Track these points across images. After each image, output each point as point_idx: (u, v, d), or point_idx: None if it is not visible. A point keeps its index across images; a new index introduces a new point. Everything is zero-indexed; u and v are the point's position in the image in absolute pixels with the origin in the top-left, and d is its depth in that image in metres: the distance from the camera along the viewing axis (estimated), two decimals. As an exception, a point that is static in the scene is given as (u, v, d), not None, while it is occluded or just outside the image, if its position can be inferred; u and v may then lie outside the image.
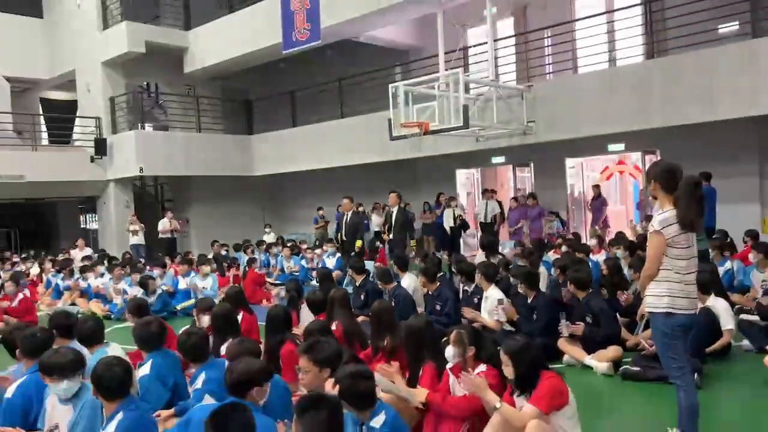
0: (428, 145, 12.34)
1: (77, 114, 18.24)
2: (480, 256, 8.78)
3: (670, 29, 11.22)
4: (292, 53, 13.81)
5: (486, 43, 11.89)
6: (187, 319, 7.59)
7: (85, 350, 4.53)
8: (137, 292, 10.11)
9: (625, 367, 5.12)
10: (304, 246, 14.20)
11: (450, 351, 3.59)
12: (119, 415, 3.14)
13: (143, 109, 17.58)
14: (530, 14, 15.10)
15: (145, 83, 19.66)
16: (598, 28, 12.10)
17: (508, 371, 3.27)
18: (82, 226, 20.51)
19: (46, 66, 18.43)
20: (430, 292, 6.52)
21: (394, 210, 10.56)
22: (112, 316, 9.94)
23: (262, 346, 4.55)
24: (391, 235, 10.59)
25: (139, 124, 16.65)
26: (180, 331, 4.17)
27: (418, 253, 11.59)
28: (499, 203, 14.24)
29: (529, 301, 5.85)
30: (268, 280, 11.74)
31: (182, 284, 10.81)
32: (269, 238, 15.93)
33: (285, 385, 3.78)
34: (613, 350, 5.28)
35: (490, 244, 8.43)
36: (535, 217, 13.37)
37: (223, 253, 14.06)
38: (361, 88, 14.95)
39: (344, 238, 10.59)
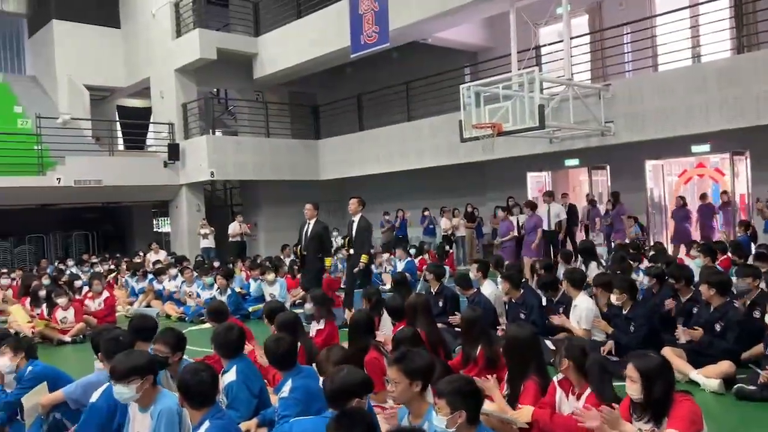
0: (500, 147, 12.01)
1: (151, 120, 18.82)
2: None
3: (762, 22, 10.50)
4: (360, 57, 13.76)
5: (560, 41, 11.50)
6: (260, 323, 7.53)
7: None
8: (209, 295, 10.22)
9: (740, 385, 4.61)
10: (372, 251, 14.06)
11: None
12: (206, 424, 2.99)
13: (214, 114, 17.93)
14: (606, 11, 14.54)
15: (215, 89, 20.08)
16: (681, 23, 11.46)
17: (635, 389, 2.94)
18: (155, 229, 21.12)
19: (122, 74, 19.11)
20: (513, 300, 6.20)
21: (356, 219, 8.41)
22: (186, 319, 10.05)
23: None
24: (352, 250, 8.47)
25: (210, 130, 16.96)
26: (266, 338, 4.00)
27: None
28: (573, 206, 13.47)
29: (625, 312, 5.43)
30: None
31: (253, 287, 10.86)
32: (338, 241, 15.89)
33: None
34: (725, 365, 4.76)
35: (587, 249, 7.96)
36: (530, 229, 11.25)
37: (292, 257, 14.09)
38: (428, 90, 14.75)
39: (303, 252, 8.86)
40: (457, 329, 6.37)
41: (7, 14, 20.52)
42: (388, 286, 11.04)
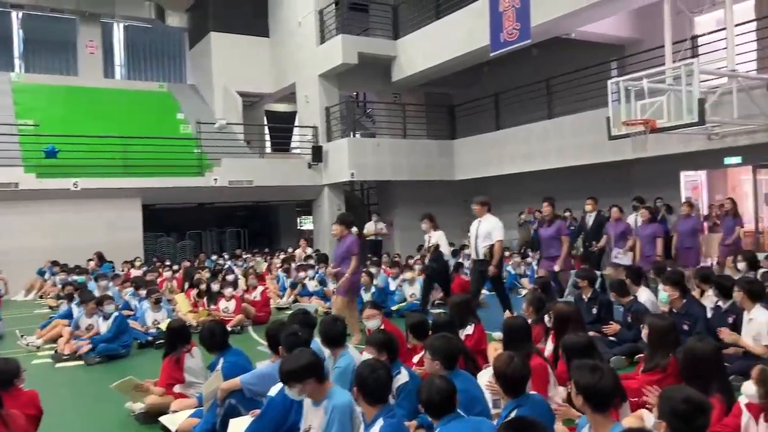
0: (651, 145, 11.28)
1: (296, 123, 19.81)
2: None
3: None
4: (499, 55, 13.56)
5: (721, 29, 10.62)
6: (402, 321, 7.65)
7: (326, 351, 4.70)
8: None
9: None
10: (507, 254, 13.80)
11: (750, 389, 3.02)
12: (380, 422, 3.09)
13: (354, 117, 18.51)
14: (775, -7, 13.15)
15: (355, 93, 20.75)
16: None
17: None
18: (298, 227, 22.24)
19: (270, 81, 20.33)
20: (675, 310, 5.79)
21: None
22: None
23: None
24: None
25: (351, 132, 17.52)
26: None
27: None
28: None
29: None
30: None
31: (392, 286, 11.10)
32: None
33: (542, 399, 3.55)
34: None
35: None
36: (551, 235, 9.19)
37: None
38: (570, 86, 14.22)
39: None
40: (611, 339, 6.11)
41: (170, 29, 22.61)
42: (524, 292, 10.79)
